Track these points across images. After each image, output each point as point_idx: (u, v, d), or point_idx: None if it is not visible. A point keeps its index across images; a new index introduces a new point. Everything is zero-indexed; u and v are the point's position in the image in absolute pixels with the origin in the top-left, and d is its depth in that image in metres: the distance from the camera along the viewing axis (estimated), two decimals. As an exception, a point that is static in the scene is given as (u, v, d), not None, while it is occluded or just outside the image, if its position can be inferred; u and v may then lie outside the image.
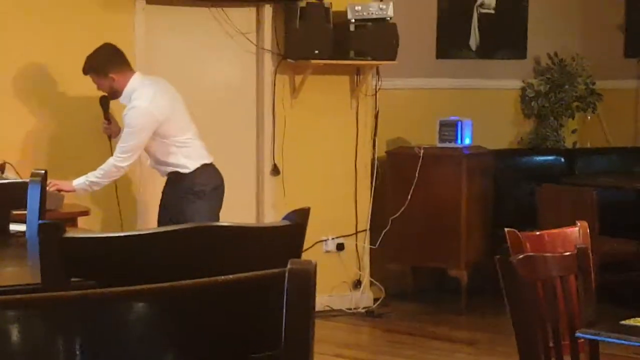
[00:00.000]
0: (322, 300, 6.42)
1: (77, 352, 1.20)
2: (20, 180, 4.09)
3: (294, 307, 1.26)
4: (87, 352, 1.22)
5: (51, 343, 1.21)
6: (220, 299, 1.28)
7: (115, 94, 5.16)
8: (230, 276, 1.27)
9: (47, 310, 1.22)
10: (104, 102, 5.29)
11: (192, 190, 5.11)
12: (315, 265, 1.29)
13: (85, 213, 5.15)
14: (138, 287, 1.28)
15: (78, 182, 5.09)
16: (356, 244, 6.61)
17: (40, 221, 2.26)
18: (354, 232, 6.62)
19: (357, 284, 6.65)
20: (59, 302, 1.23)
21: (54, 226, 1.75)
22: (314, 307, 1.29)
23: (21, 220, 2.90)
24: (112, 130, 5.35)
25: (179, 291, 1.29)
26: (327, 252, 6.58)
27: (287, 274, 1.26)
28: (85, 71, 5.18)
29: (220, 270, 1.36)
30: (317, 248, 6.46)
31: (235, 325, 1.30)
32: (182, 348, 1.30)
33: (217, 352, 1.31)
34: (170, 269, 1.79)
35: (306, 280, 1.26)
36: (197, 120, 6.19)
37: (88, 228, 5.10)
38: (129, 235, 1.86)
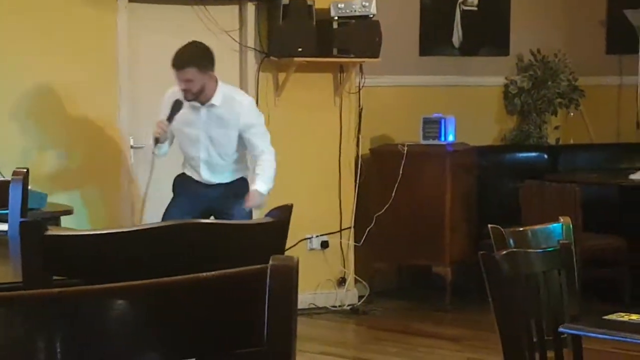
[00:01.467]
0: (306, 298, 6.42)
1: (58, 351, 1.20)
2: (1, 179, 4.08)
3: (276, 304, 1.26)
4: (68, 350, 1.21)
5: (32, 341, 1.20)
6: (202, 296, 1.28)
7: (201, 93, 5.05)
8: (212, 273, 1.26)
9: (27, 309, 1.21)
10: (179, 106, 5.10)
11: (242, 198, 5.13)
12: (297, 262, 1.29)
13: (69, 212, 5.13)
14: (119, 284, 1.27)
15: (264, 187, 5.08)
16: (340, 242, 6.62)
17: (21, 219, 2.25)
18: (339, 229, 6.62)
19: (342, 281, 6.66)
20: (39, 300, 1.22)
21: (35, 224, 1.74)
22: (296, 304, 1.29)
23: (4, 219, 2.89)
24: (167, 134, 5.14)
25: (161, 288, 1.28)
26: (312, 249, 6.58)
27: (269, 271, 1.26)
28: (186, 65, 5.02)
29: (202, 267, 1.35)
30: (301, 246, 6.47)
31: (217, 322, 1.29)
32: (165, 345, 1.29)
33: (199, 349, 1.31)
34: (153, 266, 1.78)
35: (288, 277, 1.26)
36: (180, 119, 6.18)
37: (71, 227, 5.09)
38: (111, 233, 1.85)
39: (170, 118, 5.06)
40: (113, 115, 5.89)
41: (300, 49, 6.13)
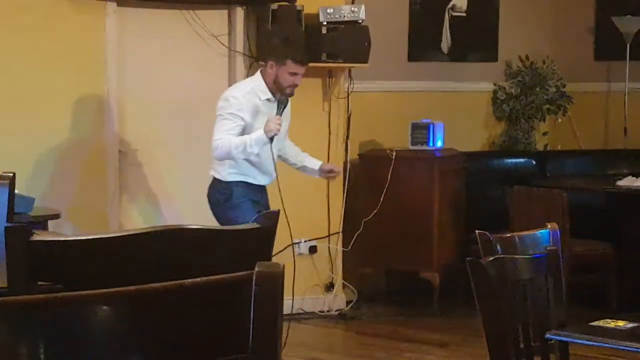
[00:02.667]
0: (294, 303, 6.41)
1: (42, 357, 1.19)
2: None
3: (262, 310, 1.26)
4: (52, 356, 1.21)
5: (15, 347, 1.20)
6: (188, 302, 1.27)
7: None
8: (198, 279, 1.26)
9: (11, 315, 1.21)
10: (285, 102, 5.02)
11: None
12: (283, 268, 1.29)
13: (56, 216, 5.12)
14: (104, 290, 1.27)
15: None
16: (329, 247, 6.61)
17: (6, 225, 2.24)
18: (327, 234, 6.61)
19: (330, 286, 6.65)
20: (22, 307, 1.22)
21: (21, 230, 1.74)
22: (281, 310, 1.29)
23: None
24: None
25: (146, 295, 1.28)
26: (300, 254, 6.57)
27: (254, 277, 1.26)
28: (307, 61, 5.14)
29: (189, 273, 1.35)
30: (289, 251, 6.44)
31: (203, 328, 1.29)
32: (149, 352, 1.29)
33: (184, 356, 1.30)
34: (138, 272, 1.78)
35: (274, 283, 1.26)
36: (169, 123, 6.18)
37: (58, 231, 5.07)
38: (97, 239, 1.85)
39: (280, 114, 4.95)
40: (101, 120, 5.87)
41: (289, 54, 6.12)
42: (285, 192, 6.38)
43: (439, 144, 6.70)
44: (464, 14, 7.47)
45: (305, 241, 6.57)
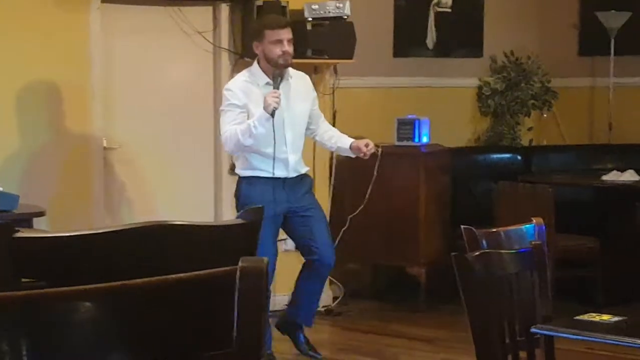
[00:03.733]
0: (281, 300, 6.40)
1: (25, 353, 1.19)
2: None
3: (246, 305, 1.25)
4: (36, 352, 1.20)
5: (-2, 344, 1.19)
6: (172, 298, 1.27)
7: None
8: (181, 275, 1.26)
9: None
10: (279, 75, 4.92)
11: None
12: (267, 263, 1.28)
13: (41, 214, 5.10)
14: (88, 286, 1.26)
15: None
16: (315, 243, 6.60)
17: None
18: (313, 231, 6.60)
19: (317, 283, 6.64)
20: (6, 303, 1.21)
21: (4, 227, 1.73)
22: (266, 305, 1.29)
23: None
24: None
25: (130, 290, 1.27)
26: (286, 251, 6.55)
27: (238, 272, 1.26)
28: (288, 23, 5.03)
29: (173, 268, 1.35)
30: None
31: (186, 324, 1.29)
32: (134, 348, 1.28)
33: (169, 352, 1.30)
34: (123, 268, 1.77)
35: (257, 278, 1.25)
36: (154, 120, 6.17)
37: (43, 229, 5.05)
38: (80, 235, 1.84)
39: (277, 87, 4.84)
40: (86, 117, 5.85)
41: (274, 50, 6.11)
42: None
43: (425, 139, 6.71)
44: (449, 10, 7.48)
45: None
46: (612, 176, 6.68)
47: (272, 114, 4.73)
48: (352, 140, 5.11)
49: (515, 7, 7.80)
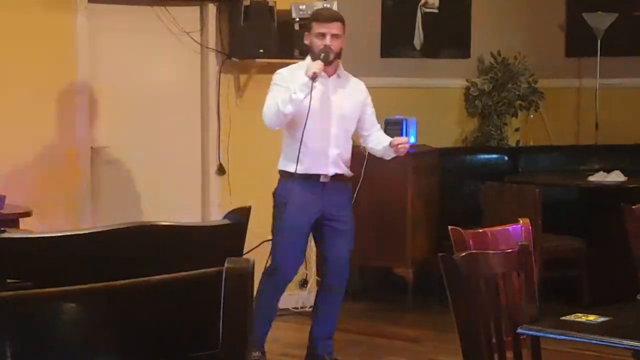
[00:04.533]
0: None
1: (9, 354, 1.18)
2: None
3: (232, 306, 1.25)
4: (20, 353, 1.20)
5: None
6: (157, 299, 1.27)
7: (333, 60, 4.87)
8: (167, 275, 1.25)
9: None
10: (327, 56, 4.83)
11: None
12: (253, 264, 1.28)
13: (27, 214, 5.08)
14: (72, 287, 1.26)
15: None
16: (302, 243, 6.59)
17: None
18: (300, 231, 6.60)
19: (304, 283, 6.65)
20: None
21: (-11, 227, 1.72)
22: (251, 306, 1.28)
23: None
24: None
25: (115, 291, 1.27)
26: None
27: (224, 273, 1.25)
28: (335, 18, 4.92)
29: (158, 269, 1.34)
30: (264, 247, 6.44)
31: (171, 325, 1.28)
32: (118, 348, 1.28)
33: (154, 352, 1.30)
34: (109, 268, 1.77)
35: (243, 279, 1.25)
36: (141, 120, 6.15)
37: (30, 229, 5.03)
38: (66, 235, 1.83)
39: (324, 61, 4.77)
40: (73, 117, 5.83)
41: (261, 51, 6.12)
42: (259, 188, 6.38)
43: (412, 140, 6.71)
44: (436, 11, 7.50)
45: (278, 238, 6.55)
46: (599, 177, 6.70)
47: (313, 79, 4.67)
48: (390, 139, 5.04)
49: (502, 8, 7.81)
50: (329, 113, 4.88)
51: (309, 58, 4.94)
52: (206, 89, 6.29)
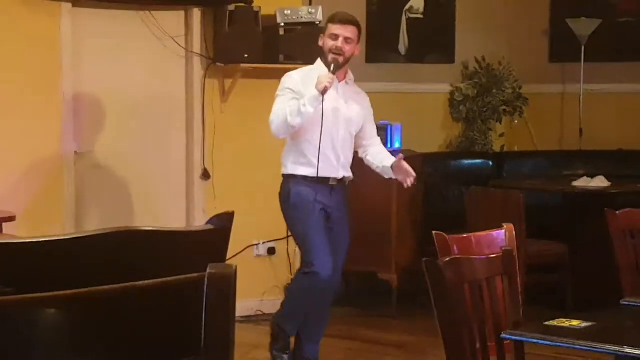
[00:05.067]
0: (253, 305, 6.40)
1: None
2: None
3: (214, 312, 1.25)
4: (3, 358, 1.19)
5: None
6: (139, 305, 1.26)
7: (343, 65, 4.83)
8: (149, 281, 1.25)
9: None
10: (337, 64, 4.78)
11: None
12: (236, 270, 1.28)
13: (11, 219, 5.06)
14: (55, 293, 1.25)
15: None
16: (287, 248, 6.60)
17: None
18: (285, 236, 6.60)
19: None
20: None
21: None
22: (234, 312, 1.28)
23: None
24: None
25: (97, 297, 1.26)
26: (258, 256, 6.56)
27: (206, 279, 1.25)
28: (351, 22, 4.83)
29: (142, 275, 1.34)
30: (248, 252, 6.45)
31: (155, 330, 1.28)
32: (102, 354, 1.28)
33: (136, 358, 1.29)
34: (92, 274, 1.76)
35: (226, 285, 1.25)
36: (126, 125, 6.14)
37: (13, 234, 5.01)
38: (49, 241, 1.83)
39: (332, 73, 4.72)
40: (57, 121, 5.81)
41: (246, 55, 6.11)
42: (244, 193, 6.38)
43: (397, 145, 6.72)
44: (421, 16, 7.51)
45: (263, 243, 6.56)
46: (582, 182, 6.72)
47: (323, 93, 4.64)
48: (394, 159, 4.95)
49: (486, 13, 7.84)
50: (337, 118, 4.86)
51: (319, 61, 4.90)
52: (191, 93, 6.28)
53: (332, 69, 4.74)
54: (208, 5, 6.20)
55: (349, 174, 5.01)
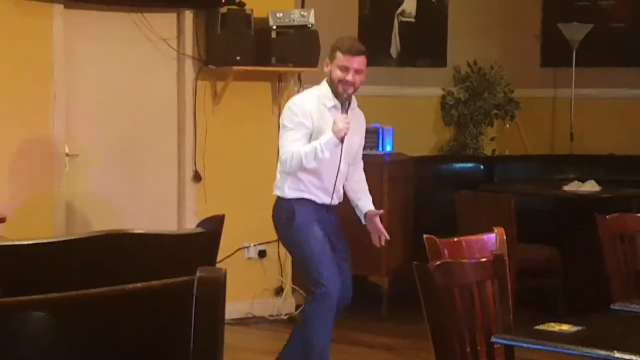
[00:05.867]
0: (243, 307, 6.40)
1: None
2: None
3: (203, 315, 1.25)
4: (-11, 363, 1.19)
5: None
6: (128, 308, 1.26)
7: (354, 92, 4.71)
8: (138, 284, 1.25)
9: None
10: (349, 99, 4.67)
11: None
12: (225, 274, 1.28)
13: (1, 220, 5.05)
14: (44, 296, 1.25)
15: None
16: (278, 251, 6.60)
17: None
18: (276, 238, 6.59)
19: (279, 290, 6.64)
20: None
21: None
22: (223, 315, 1.28)
23: None
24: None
25: (87, 300, 1.26)
26: (249, 258, 6.56)
27: (195, 282, 1.25)
28: (362, 52, 4.66)
29: (131, 278, 1.34)
30: (238, 255, 6.44)
31: (144, 334, 1.28)
32: (91, 358, 1.27)
33: (125, 362, 1.29)
34: (81, 277, 1.76)
35: (216, 288, 1.25)
36: (117, 127, 6.13)
37: (3, 236, 5.00)
38: (38, 243, 1.82)
39: (346, 112, 4.58)
40: (48, 123, 5.80)
41: (238, 58, 6.12)
42: (235, 196, 6.38)
43: (388, 148, 6.73)
44: (413, 20, 7.52)
45: (254, 245, 6.56)
46: (573, 186, 6.73)
47: (342, 140, 4.54)
48: (370, 208, 4.92)
49: (478, 17, 7.85)
50: (341, 150, 4.66)
51: (324, 83, 4.75)
52: (182, 95, 6.28)
53: (344, 108, 4.60)
54: (200, 8, 6.20)
55: (341, 199, 4.95)
